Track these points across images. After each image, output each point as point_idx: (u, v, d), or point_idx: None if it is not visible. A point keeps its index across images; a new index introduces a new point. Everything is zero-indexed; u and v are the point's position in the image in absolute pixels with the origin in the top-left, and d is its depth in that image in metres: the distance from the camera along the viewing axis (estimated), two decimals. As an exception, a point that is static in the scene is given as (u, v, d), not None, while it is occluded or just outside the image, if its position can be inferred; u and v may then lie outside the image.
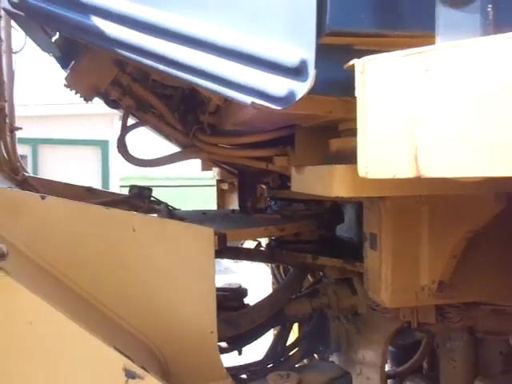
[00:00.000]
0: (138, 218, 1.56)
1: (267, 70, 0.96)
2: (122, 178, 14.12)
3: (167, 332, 1.55)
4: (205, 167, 3.42)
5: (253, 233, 1.94)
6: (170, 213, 2.32)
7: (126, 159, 2.30)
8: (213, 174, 3.54)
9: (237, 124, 1.80)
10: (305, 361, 2.81)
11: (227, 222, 2.16)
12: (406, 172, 0.85)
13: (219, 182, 3.76)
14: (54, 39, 2.12)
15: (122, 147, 2.32)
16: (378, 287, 1.71)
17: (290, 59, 0.94)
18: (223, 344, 2.30)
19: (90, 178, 12.10)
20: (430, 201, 1.60)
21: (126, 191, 2.56)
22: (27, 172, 2.56)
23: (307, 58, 0.93)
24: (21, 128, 2.64)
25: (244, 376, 2.22)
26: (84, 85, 2.18)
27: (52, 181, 2.51)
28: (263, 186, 2.73)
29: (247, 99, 0.98)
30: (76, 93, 2.24)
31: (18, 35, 2.61)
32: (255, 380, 2.03)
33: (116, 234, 1.52)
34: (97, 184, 12.70)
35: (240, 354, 2.34)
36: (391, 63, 0.87)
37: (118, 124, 2.58)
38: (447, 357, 2.23)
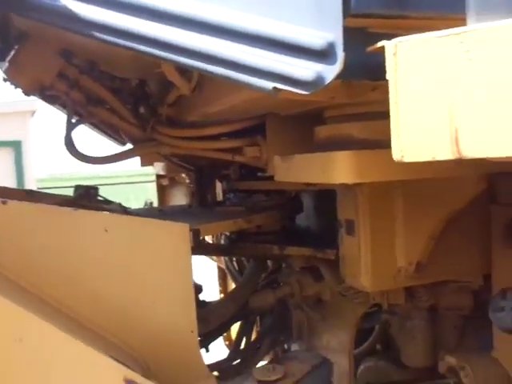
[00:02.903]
0: (110, 218, 1.47)
1: (291, 54, 0.92)
2: (40, 179, 13.21)
3: (146, 334, 1.47)
4: (145, 162, 3.30)
5: (223, 226, 1.89)
6: (125, 212, 2.21)
7: (75, 157, 2.15)
8: (156, 169, 3.42)
9: (206, 115, 1.74)
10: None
11: (191, 218, 2.09)
12: (446, 154, 0.85)
13: (159, 177, 3.65)
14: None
15: (69, 145, 2.16)
16: (358, 272, 1.72)
17: (317, 42, 0.90)
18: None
19: (3, 181, 11.20)
20: (405, 184, 1.63)
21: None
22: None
23: (334, 40, 0.90)
24: None
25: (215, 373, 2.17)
26: (26, 78, 2.01)
27: (-11, 185, 2.29)
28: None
29: (268, 85, 0.94)
30: (16, 87, 2.06)
31: None
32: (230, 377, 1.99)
33: (88, 237, 1.42)
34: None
35: (207, 351, 2.29)
36: (426, 44, 0.86)
37: (32, 123, 2.39)
38: (408, 336, 2.31)
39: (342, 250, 1.80)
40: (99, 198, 2.36)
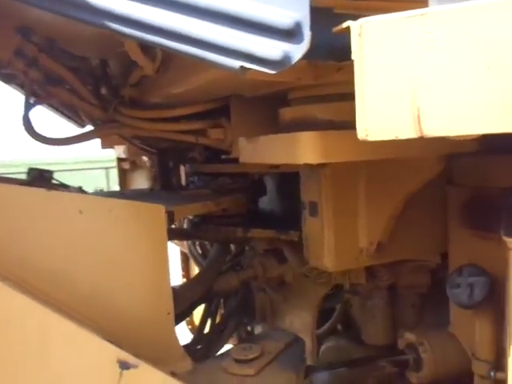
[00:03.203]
0: (84, 200, 1.44)
1: (257, 33, 0.92)
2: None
3: (122, 316, 1.46)
4: (105, 144, 3.25)
5: (194, 208, 1.88)
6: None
7: (33, 138, 2.09)
8: (117, 153, 3.37)
9: (170, 96, 1.72)
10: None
11: (158, 201, 2.08)
12: (409, 133, 0.88)
13: (120, 160, 3.60)
14: None
15: (27, 125, 2.10)
16: (321, 253, 1.75)
17: (284, 21, 0.91)
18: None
19: None
20: (367, 166, 1.67)
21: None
22: None
23: (301, 19, 0.90)
24: None
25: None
26: (-19, 55, 1.93)
27: None
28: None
29: (235, 64, 0.94)
30: (-29, 64, 1.98)
31: None
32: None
33: (61, 218, 1.38)
34: None
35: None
36: (391, 25, 0.88)
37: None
38: (369, 314, 2.38)
39: (306, 231, 1.82)
40: (54, 181, 2.31)
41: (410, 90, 0.87)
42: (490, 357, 1.62)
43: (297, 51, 0.91)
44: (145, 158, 3.34)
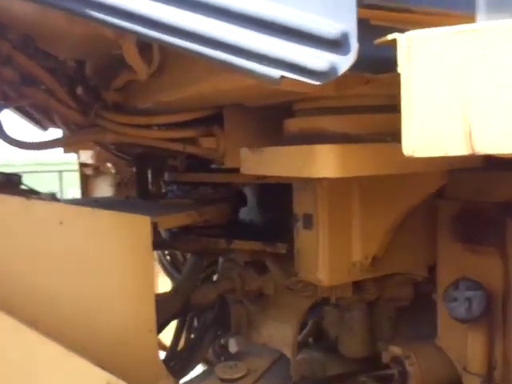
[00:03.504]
0: (65, 210, 1.35)
1: (301, 42, 0.87)
2: None
3: (104, 333, 1.38)
4: (68, 149, 3.11)
5: (179, 219, 1.80)
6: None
7: (6, 142, 1.95)
8: (79, 158, 3.22)
9: (161, 103, 1.64)
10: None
11: (138, 210, 1.98)
12: (460, 149, 0.86)
13: (83, 166, 3.44)
14: None
15: (-2, 128, 1.95)
16: (314, 267, 1.72)
17: (330, 31, 0.87)
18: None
19: None
20: (361, 180, 1.64)
21: None
22: None
23: (348, 30, 0.87)
24: None
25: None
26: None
27: None
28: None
29: (275, 73, 0.89)
30: None
31: None
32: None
33: (40, 230, 1.29)
34: None
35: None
36: (441, 39, 0.86)
37: None
38: (346, 326, 2.36)
39: (298, 244, 1.78)
40: (23, 186, 2.16)
41: (461, 105, 0.85)
42: (481, 370, 1.64)
43: (343, 62, 0.87)
44: (109, 165, 3.22)
